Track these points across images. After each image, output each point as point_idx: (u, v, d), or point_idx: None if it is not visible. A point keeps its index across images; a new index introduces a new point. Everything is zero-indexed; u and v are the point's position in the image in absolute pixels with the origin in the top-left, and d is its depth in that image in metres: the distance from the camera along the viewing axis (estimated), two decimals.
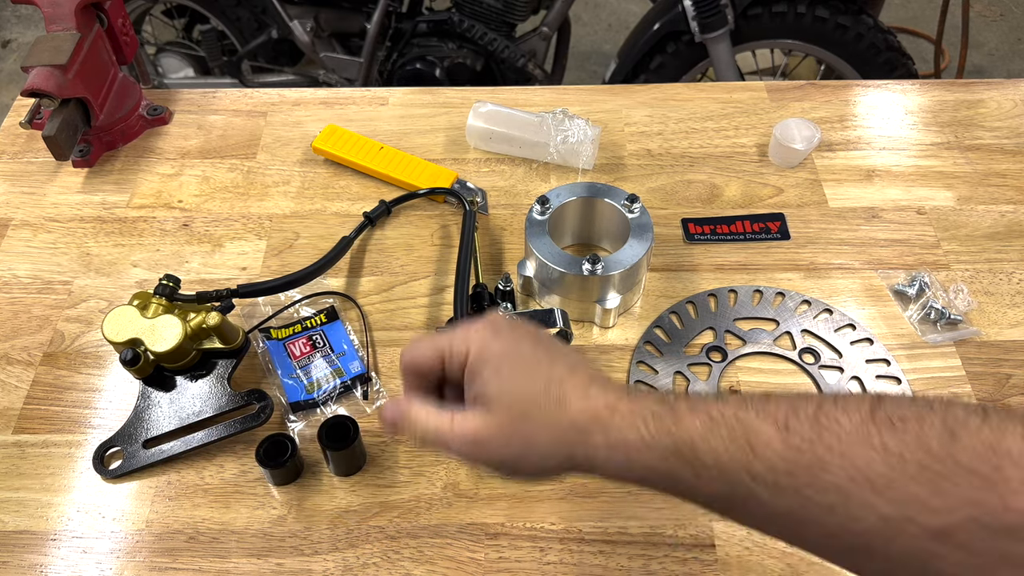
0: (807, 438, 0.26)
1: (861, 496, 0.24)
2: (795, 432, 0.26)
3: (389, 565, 0.43)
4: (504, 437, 0.31)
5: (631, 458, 0.30)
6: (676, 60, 1.19)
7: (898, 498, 0.24)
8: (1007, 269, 0.58)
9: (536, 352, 0.32)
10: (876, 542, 0.24)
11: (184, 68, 1.52)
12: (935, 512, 0.23)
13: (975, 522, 0.22)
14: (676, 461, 0.28)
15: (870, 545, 0.24)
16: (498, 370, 0.32)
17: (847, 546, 0.25)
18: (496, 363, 0.32)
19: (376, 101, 0.72)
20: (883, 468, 0.24)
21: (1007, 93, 0.72)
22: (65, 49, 0.59)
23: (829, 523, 0.25)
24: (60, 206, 0.63)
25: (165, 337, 0.47)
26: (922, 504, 0.23)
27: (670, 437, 0.29)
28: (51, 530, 0.45)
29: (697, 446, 0.28)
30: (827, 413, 0.26)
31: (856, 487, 0.24)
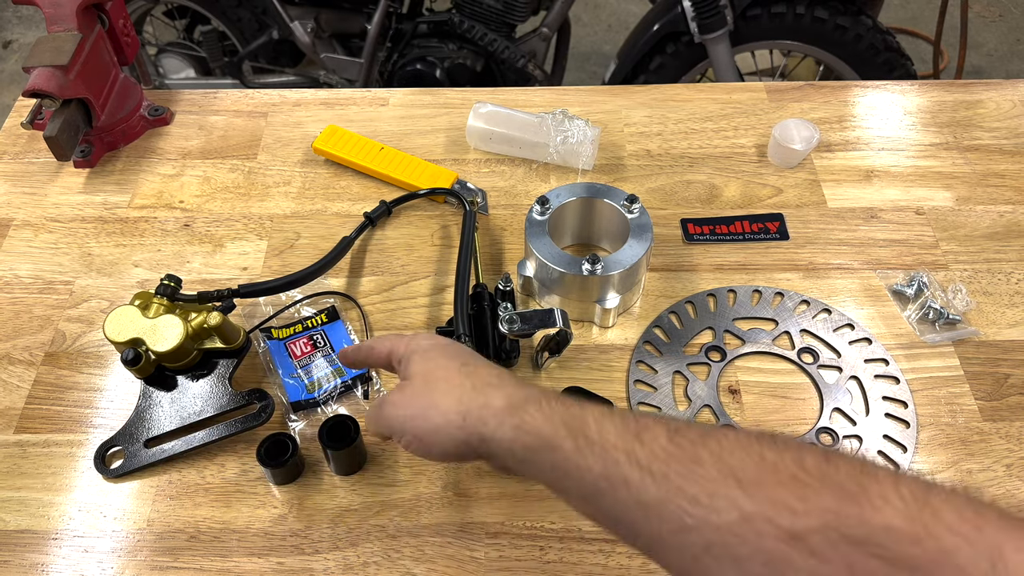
0: (691, 440, 0.28)
1: (727, 491, 0.25)
2: (683, 435, 0.28)
3: (389, 564, 0.43)
4: (407, 398, 0.36)
5: (523, 422, 0.32)
6: (676, 61, 1.19)
7: (763, 497, 0.24)
8: (1005, 269, 0.58)
9: (464, 352, 0.38)
10: (732, 540, 0.24)
11: (185, 69, 1.52)
12: (795, 514, 0.23)
13: (831, 529, 0.23)
14: (563, 430, 0.31)
15: (725, 543, 0.24)
16: (424, 356, 0.38)
17: (703, 543, 0.25)
18: (424, 352, 0.38)
19: (376, 102, 0.72)
20: (755, 471, 0.25)
21: (1006, 94, 0.72)
22: (66, 50, 0.59)
23: (691, 515, 0.25)
24: (61, 206, 0.63)
25: (166, 337, 0.48)
26: (784, 505, 0.24)
27: (566, 411, 0.32)
28: (53, 529, 0.45)
29: (588, 423, 0.30)
30: (719, 430, 0.28)
31: (724, 482, 0.25)
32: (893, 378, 0.51)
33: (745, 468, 0.25)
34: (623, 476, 0.28)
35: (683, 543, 0.26)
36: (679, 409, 0.50)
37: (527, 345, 0.53)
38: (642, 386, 0.51)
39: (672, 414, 0.50)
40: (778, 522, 0.24)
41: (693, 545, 0.25)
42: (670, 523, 0.26)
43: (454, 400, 0.35)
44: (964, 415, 0.50)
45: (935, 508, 0.22)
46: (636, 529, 0.28)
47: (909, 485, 0.23)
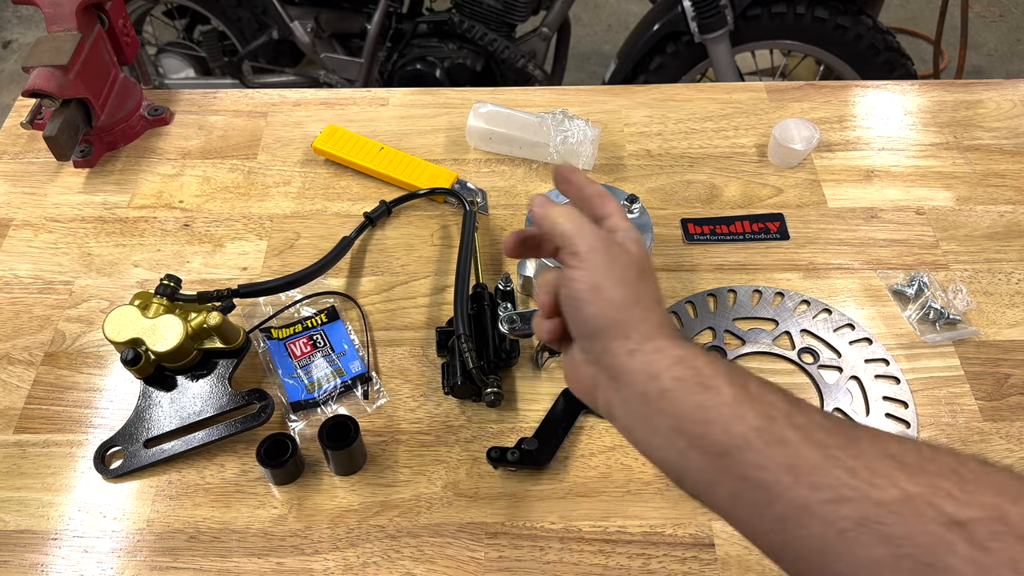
0: (845, 422, 0.27)
1: (888, 470, 0.24)
2: (835, 418, 0.27)
3: (389, 564, 0.43)
4: (596, 264, 0.32)
5: (688, 355, 0.29)
6: (676, 61, 1.19)
7: (925, 481, 0.23)
8: (1006, 269, 0.58)
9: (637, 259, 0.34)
10: (889, 518, 0.23)
11: (185, 68, 1.52)
12: (958, 502, 0.22)
13: (997, 522, 0.22)
14: (724, 377, 0.28)
15: (881, 520, 0.23)
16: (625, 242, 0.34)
17: (857, 517, 0.23)
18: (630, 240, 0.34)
19: (376, 102, 0.72)
20: (914, 459, 0.24)
21: (1006, 94, 0.72)
22: (66, 50, 0.59)
23: (849, 486, 0.24)
24: (61, 206, 0.63)
25: (166, 337, 0.48)
26: (947, 493, 0.23)
27: (729, 366, 0.29)
28: (52, 529, 0.45)
29: (749, 380, 0.28)
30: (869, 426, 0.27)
31: (884, 462, 0.24)
32: (893, 378, 0.51)
33: (904, 455, 0.24)
34: (779, 435, 0.26)
35: (834, 515, 0.24)
36: None
37: (527, 345, 0.53)
38: None
39: None
40: (941, 507, 0.22)
41: (845, 519, 0.24)
42: (823, 492, 0.24)
43: (623, 290, 0.31)
44: (964, 415, 0.49)
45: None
46: (774, 494, 0.25)
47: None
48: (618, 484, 0.47)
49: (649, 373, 0.29)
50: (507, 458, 0.46)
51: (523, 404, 0.50)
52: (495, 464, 0.46)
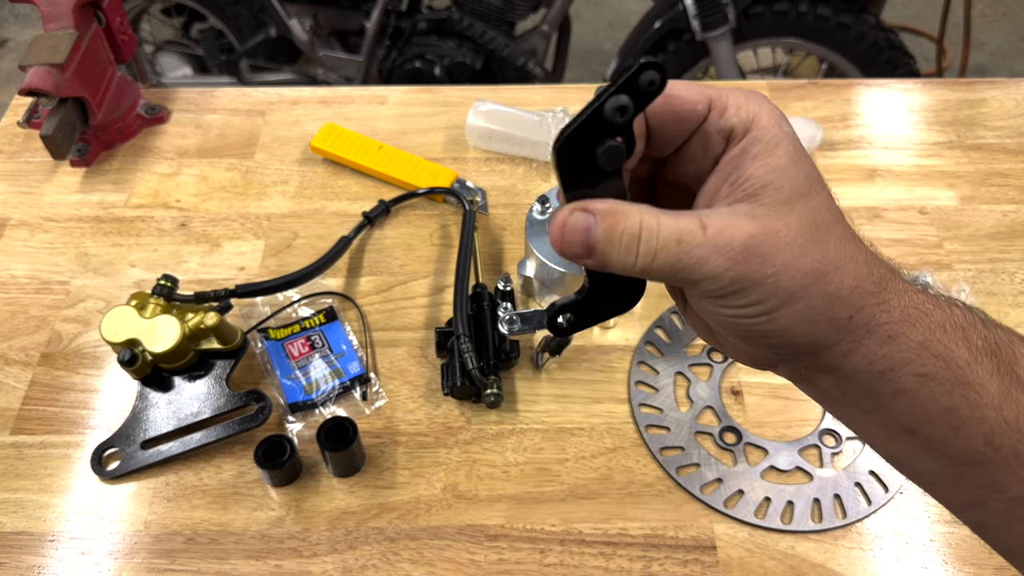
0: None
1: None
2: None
3: (388, 567, 0.43)
4: (797, 251, 0.20)
5: (933, 338, 0.21)
6: (677, 58, 1.18)
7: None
8: (1010, 269, 0.58)
9: (815, 165, 0.22)
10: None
11: (182, 67, 1.51)
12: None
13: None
14: (989, 368, 0.21)
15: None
16: (797, 157, 0.21)
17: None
18: (793, 147, 0.21)
19: (375, 100, 0.71)
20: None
21: (1009, 92, 0.71)
22: (63, 48, 0.59)
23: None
24: (58, 206, 0.63)
25: (163, 337, 0.47)
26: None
27: (987, 336, 0.21)
28: (49, 531, 0.45)
29: (1019, 359, 0.21)
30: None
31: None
32: None
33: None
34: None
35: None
36: (681, 411, 0.50)
37: (527, 346, 0.52)
38: (643, 387, 0.51)
39: (674, 415, 0.49)
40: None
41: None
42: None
43: (853, 269, 0.21)
44: None
45: None
46: (994, 487, 0.21)
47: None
48: (619, 486, 0.46)
49: (878, 369, 0.21)
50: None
51: (523, 405, 0.50)
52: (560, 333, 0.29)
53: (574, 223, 0.21)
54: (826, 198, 0.22)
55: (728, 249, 0.20)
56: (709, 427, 0.49)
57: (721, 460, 0.47)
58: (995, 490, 0.21)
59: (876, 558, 0.43)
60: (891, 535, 0.44)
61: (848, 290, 0.21)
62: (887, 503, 0.45)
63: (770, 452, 0.48)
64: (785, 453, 0.47)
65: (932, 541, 0.44)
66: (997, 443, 0.21)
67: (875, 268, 0.22)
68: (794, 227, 0.21)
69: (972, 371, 0.21)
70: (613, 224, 0.21)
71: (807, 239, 0.21)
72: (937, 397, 0.21)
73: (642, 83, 0.20)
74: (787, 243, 0.20)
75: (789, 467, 0.47)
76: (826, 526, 0.44)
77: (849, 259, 0.21)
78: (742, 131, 0.21)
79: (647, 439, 0.48)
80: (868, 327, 0.21)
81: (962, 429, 0.21)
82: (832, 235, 0.21)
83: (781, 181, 0.21)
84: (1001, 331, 0.22)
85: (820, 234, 0.21)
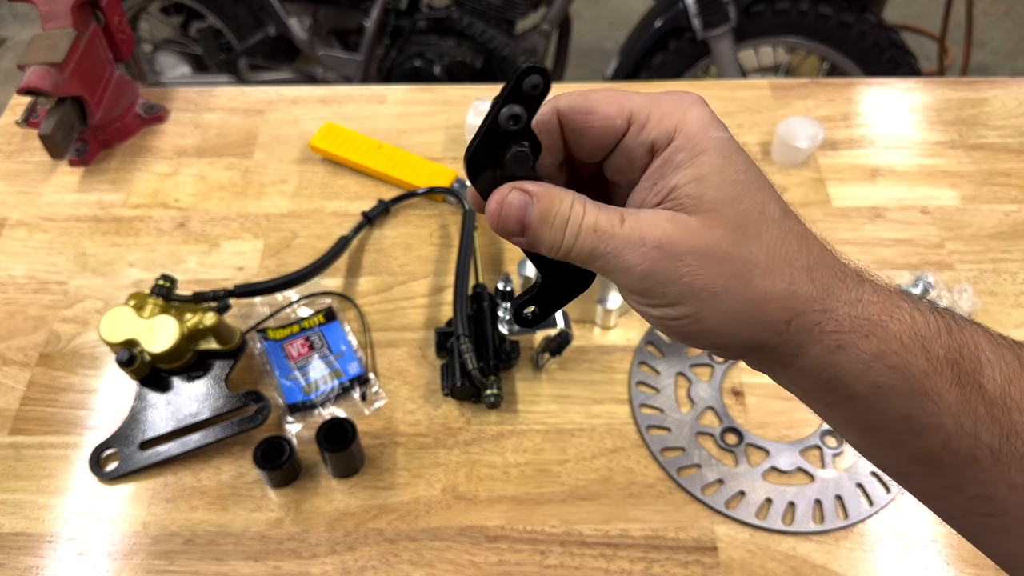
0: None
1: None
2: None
3: (388, 568, 0.43)
4: (717, 256, 0.20)
5: (889, 350, 0.20)
6: (678, 57, 1.18)
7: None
8: (1012, 269, 0.57)
9: (753, 166, 0.22)
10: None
11: (181, 66, 1.51)
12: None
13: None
14: (949, 378, 0.20)
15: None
16: (724, 163, 0.21)
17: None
18: (719, 154, 0.21)
19: (375, 99, 0.71)
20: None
21: (1011, 91, 0.71)
22: (61, 47, 0.58)
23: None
24: (56, 205, 0.63)
25: (161, 338, 0.47)
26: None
27: (951, 343, 0.20)
28: (47, 532, 0.45)
29: (983, 368, 0.20)
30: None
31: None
32: None
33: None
34: (1021, 453, 0.20)
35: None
36: (682, 411, 0.49)
37: (527, 346, 0.52)
38: (644, 388, 0.50)
39: (675, 416, 0.49)
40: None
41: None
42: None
43: (781, 274, 0.21)
44: None
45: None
46: (999, 509, 0.21)
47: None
48: (620, 487, 0.46)
49: (828, 376, 0.21)
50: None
51: (523, 406, 0.50)
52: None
53: (511, 201, 0.22)
54: (759, 202, 0.21)
55: (640, 245, 0.21)
56: (710, 428, 0.48)
57: (722, 461, 0.47)
58: (956, 488, 0.22)
59: (878, 559, 0.43)
60: (893, 536, 0.44)
61: (780, 294, 0.21)
62: (889, 504, 0.45)
63: (771, 453, 0.47)
64: (786, 454, 0.47)
65: (934, 542, 0.44)
66: (955, 447, 0.21)
67: (820, 273, 0.21)
68: (715, 231, 0.21)
69: (930, 381, 0.21)
70: (548, 206, 0.22)
71: (729, 243, 0.21)
72: (893, 406, 0.21)
73: (526, 89, 0.21)
74: (704, 245, 0.21)
75: (790, 468, 0.47)
76: (828, 527, 0.44)
77: (783, 262, 0.21)
78: (664, 142, 0.22)
79: (648, 440, 0.48)
80: (812, 334, 0.21)
81: (920, 433, 0.21)
82: (762, 238, 0.21)
83: (702, 189, 0.21)
84: (969, 336, 0.21)
85: (746, 237, 0.21)
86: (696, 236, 0.21)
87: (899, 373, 0.21)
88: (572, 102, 0.22)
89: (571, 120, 0.22)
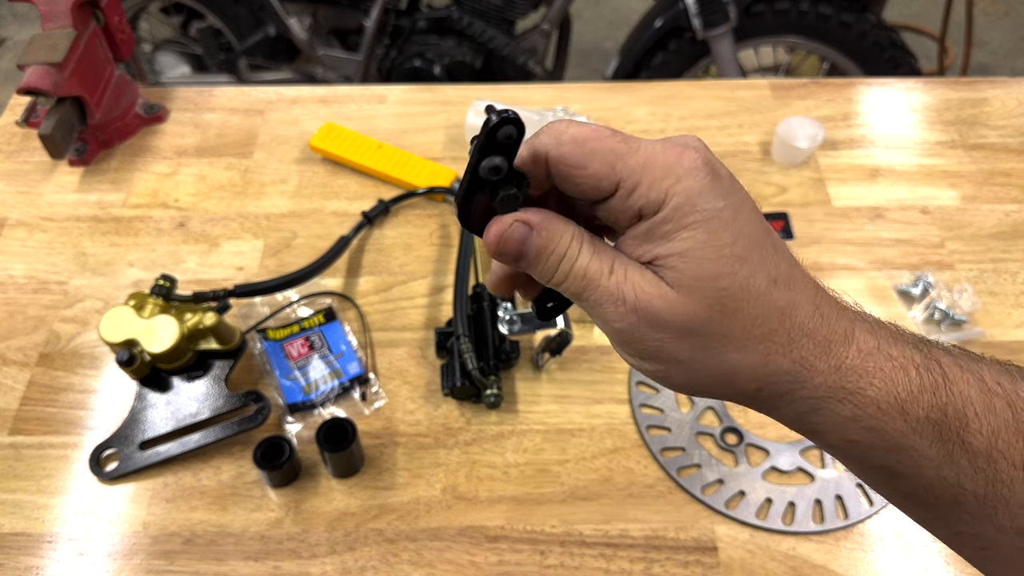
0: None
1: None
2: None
3: (387, 568, 0.43)
4: (690, 330, 0.21)
5: (864, 414, 0.21)
6: (678, 57, 1.18)
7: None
8: (1012, 269, 0.57)
9: (757, 224, 0.22)
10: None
11: (180, 66, 1.51)
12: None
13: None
14: (929, 436, 0.20)
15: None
16: (708, 239, 0.21)
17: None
18: (705, 229, 0.21)
19: (374, 99, 0.71)
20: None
21: (1012, 91, 0.71)
22: (61, 47, 0.58)
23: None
24: (56, 205, 0.63)
25: (161, 338, 0.47)
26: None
27: (935, 403, 0.20)
28: (47, 532, 0.45)
29: (969, 424, 0.20)
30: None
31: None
32: None
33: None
34: (1005, 499, 0.20)
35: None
36: (682, 411, 0.49)
37: (527, 346, 0.52)
38: (644, 388, 0.50)
39: (675, 415, 0.49)
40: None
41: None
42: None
43: (757, 349, 0.21)
44: None
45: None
46: (991, 542, 0.21)
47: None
48: (620, 487, 0.46)
49: (806, 429, 0.22)
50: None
51: (523, 406, 0.50)
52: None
53: (511, 235, 0.22)
54: (744, 276, 0.21)
55: (620, 304, 0.21)
56: (710, 428, 0.48)
57: (722, 461, 0.47)
58: (943, 523, 0.22)
59: (878, 559, 0.43)
60: (893, 536, 0.44)
61: (751, 367, 0.21)
62: (889, 504, 0.45)
63: (771, 453, 0.47)
64: (787, 454, 0.47)
65: (934, 542, 0.44)
66: (937, 493, 0.21)
67: (799, 346, 0.21)
68: (692, 307, 0.21)
69: (908, 440, 0.21)
70: (547, 243, 0.22)
71: (704, 318, 0.21)
72: (870, 458, 0.22)
73: (501, 139, 0.21)
74: (680, 320, 0.21)
75: (791, 468, 0.47)
76: (828, 527, 0.44)
77: (759, 338, 0.21)
78: (651, 211, 0.21)
79: (648, 440, 0.48)
80: (784, 398, 0.22)
81: (901, 478, 0.21)
82: (740, 314, 0.21)
83: (683, 265, 0.21)
84: (957, 392, 0.21)
85: (723, 314, 0.21)
86: (673, 310, 0.21)
87: (875, 433, 0.21)
88: (563, 154, 0.21)
89: (559, 170, 0.22)
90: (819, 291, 0.23)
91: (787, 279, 0.22)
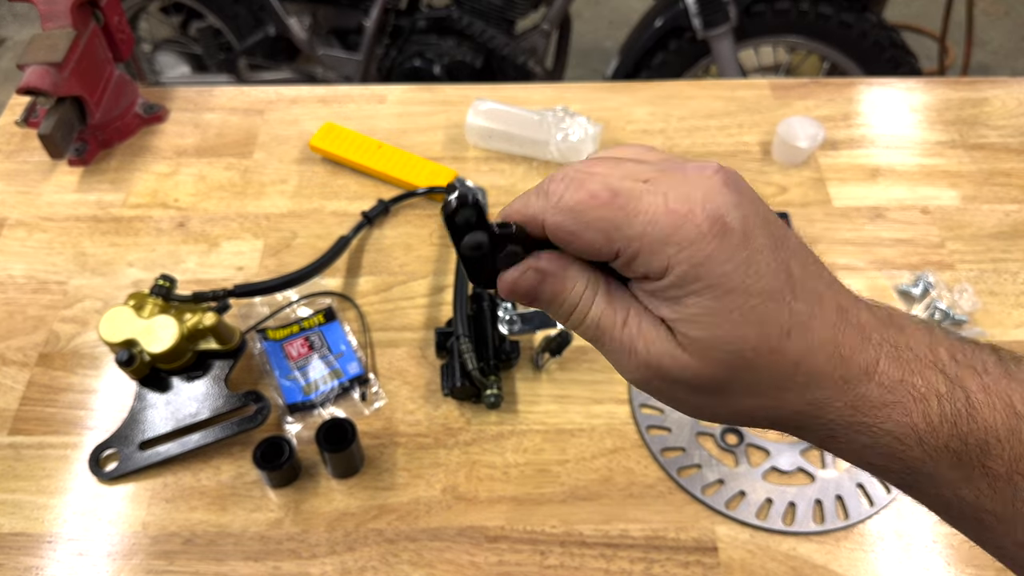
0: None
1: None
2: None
3: (387, 568, 0.43)
4: (701, 387, 0.21)
5: (880, 443, 0.21)
6: (678, 57, 1.18)
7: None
8: (1012, 269, 0.57)
9: (773, 272, 0.20)
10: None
11: (180, 66, 1.51)
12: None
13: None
14: (948, 462, 0.20)
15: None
16: (715, 305, 0.20)
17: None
18: (712, 295, 0.20)
19: (374, 98, 0.71)
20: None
21: (1012, 91, 0.71)
22: (61, 47, 0.58)
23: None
24: (55, 205, 0.63)
25: (161, 338, 0.47)
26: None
27: (955, 433, 0.20)
28: (47, 532, 0.44)
29: (991, 449, 0.20)
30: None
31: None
32: None
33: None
34: (1020, 512, 0.20)
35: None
36: None
37: (527, 346, 0.52)
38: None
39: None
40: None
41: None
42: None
43: (773, 396, 0.21)
44: None
45: None
46: (999, 534, 0.21)
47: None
48: (620, 487, 0.46)
49: (826, 449, 0.22)
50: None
51: (523, 406, 0.50)
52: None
53: (521, 284, 0.23)
54: (755, 337, 0.20)
55: (633, 356, 0.22)
56: (710, 428, 0.48)
57: (722, 461, 0.47)
58: (964, 531, 0.22)
59: (878, 559, 0.43)
60: (893, 536, 0.44)
61: (764, 408, 0.22)
62: (889, 504, 0.45)
63: (772, 453, 0.47)
64: (787, 454, 0.47)
65: (934, 542, 0.44)
66: (955, 512, 0.21)
67: (813, 390, 0.21)
68: (703, 368, 0.21)
69: (925, 466, 0.21)
70: (559, 292, 0.22)
71: (713, 377, 0.21)
72: (888, 477, 0.22)
73: (461, 224, 0.21)
74: (689, 379, 0.21)
75: (791, 468, 0.47)
76: (828, 527, 0.44)
77: (771, 387, 0.21)
78: (656, 276, 0.20)
79: (648, 440, 0.48)
80: (800, 429, 0.22)
81: (921, 495, 0.22)
82: (751, 372, 0.21)
83: (691, 330, 0.21)
84: (980, 422, 0.20)
85: (733, 371, 0.21)
86: (685, 370, 0.21)
87: (891, 459, 0.21)
88: (557, 223, 0.21)
89: (554, 237, 0.21)
90: (842, 322, 0.21)
91: (803, 325, 0.21)
